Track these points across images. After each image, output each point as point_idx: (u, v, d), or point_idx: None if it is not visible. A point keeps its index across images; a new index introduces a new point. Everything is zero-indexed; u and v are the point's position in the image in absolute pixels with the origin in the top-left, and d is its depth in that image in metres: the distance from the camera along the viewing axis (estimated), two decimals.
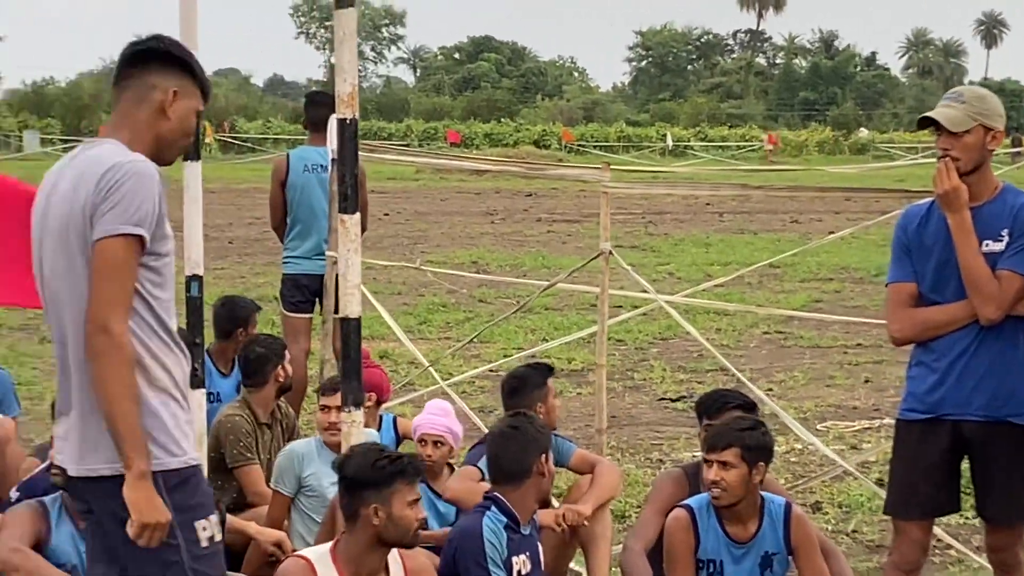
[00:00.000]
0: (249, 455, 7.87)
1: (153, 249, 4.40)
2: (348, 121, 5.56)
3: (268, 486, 7.57)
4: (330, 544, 5.61)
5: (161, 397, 4.43)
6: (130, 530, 4.29)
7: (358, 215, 5.61)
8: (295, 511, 7.36)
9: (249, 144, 75.73)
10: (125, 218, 4.29)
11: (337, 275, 6.00)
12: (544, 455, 6.34)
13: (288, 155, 10.67)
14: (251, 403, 8.02)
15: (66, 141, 74.90)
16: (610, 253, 8.48)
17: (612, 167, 8.53)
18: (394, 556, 5.63)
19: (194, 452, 4.54)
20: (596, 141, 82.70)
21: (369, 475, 5.44)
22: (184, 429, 4.50)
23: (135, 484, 4.26)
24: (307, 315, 10.47)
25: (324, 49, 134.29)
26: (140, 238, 4.32)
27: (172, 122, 4.58)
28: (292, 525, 7.37)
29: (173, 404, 4.46)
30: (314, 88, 76.86)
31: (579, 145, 78.66)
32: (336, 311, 6.29)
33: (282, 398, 8.28)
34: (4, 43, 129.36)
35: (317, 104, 10.52)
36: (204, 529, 4.48)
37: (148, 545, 4.32)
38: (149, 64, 4.58)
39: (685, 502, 6.45)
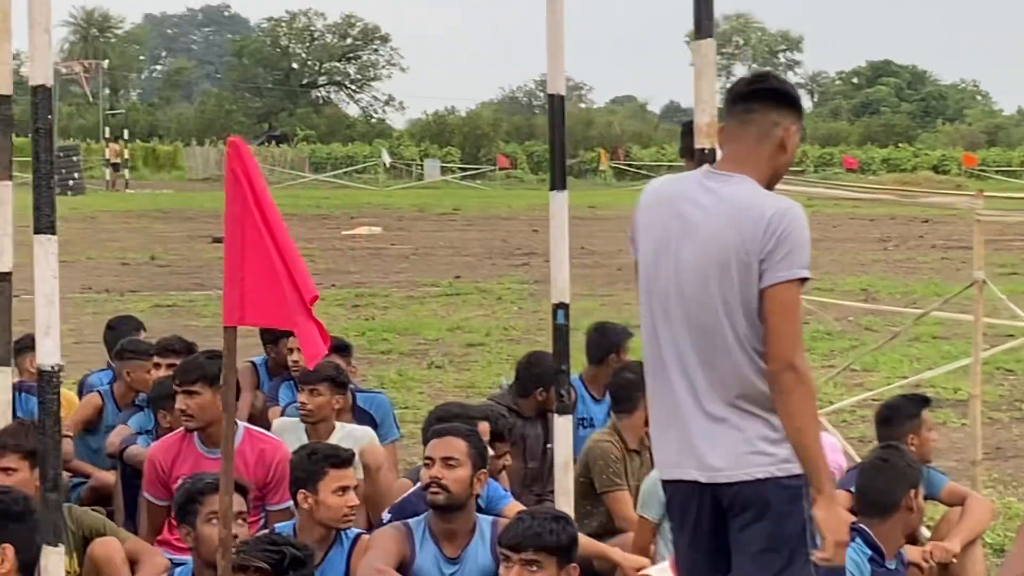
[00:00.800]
0: (618, 480, 7.93)
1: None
2: (706, 151, 5.58)
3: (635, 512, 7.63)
4: None
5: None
6: (821, 552, 4.63)
7: None
8: (660, 537, 7.39)
9: (643, 172, 76.35)
10: (798, 263, 4.65)
11: None
12: (914, 490, 6.22)
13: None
14: (620, 429, 8.08)
15: (464, 169, 77.11)
16: (983, 282, 8.27)
17: (991, 194, 8.32)
18: None
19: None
20: (998, 166, 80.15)
21: None
22: None
23: (827, 506, 4.60)
24: None
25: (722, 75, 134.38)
26: (805, 279, 4.68)
27: (787, 156, 4.88)
28: (657, 551, 7.40)
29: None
30: None
31: (980, 170, 76.40)
32: None
33: None
34: (407, 74, 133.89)
35: (692, 133, 10.51)
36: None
37: (835, 563, 4.66)
38: (768, 101, 4.86)
39: None
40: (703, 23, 5.74)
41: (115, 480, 8.56)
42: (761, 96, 4.85)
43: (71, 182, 55.18)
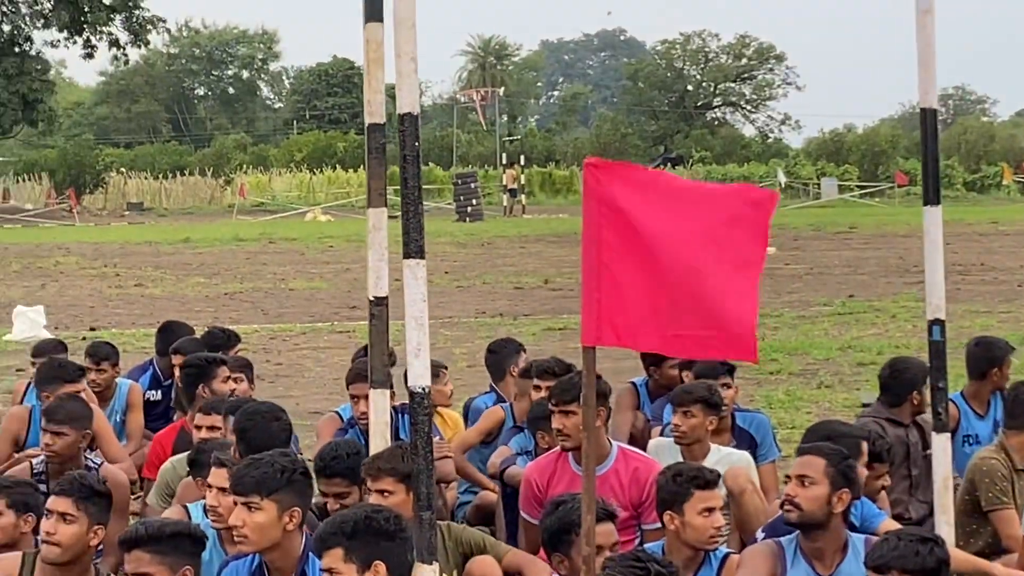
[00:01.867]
0: (1005, 499, 7.75)
1: None
2: None
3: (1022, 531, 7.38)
4: None
5: None
6: None
7: None
8: None
9: None
10: None
11: None
12: None
13: None
14: (1008, 447, 7.84)
15: (862, 188, 75.86)
16: None
17: None
18: None
19: None
20: None
21: None
22: None
23: None
24: None
25: None
26: None
27: None
28: None
29: None
30: None
31: None
32: None
33: None
34: (803, 92, 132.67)
35: None
36: None
37: None
38: None
39: None
40: None
41: (497, 499, 8.73)
42: None
43: (469, 208, 56.74)
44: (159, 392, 11.09)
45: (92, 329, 21.33)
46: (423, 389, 5.28)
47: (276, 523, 5.86)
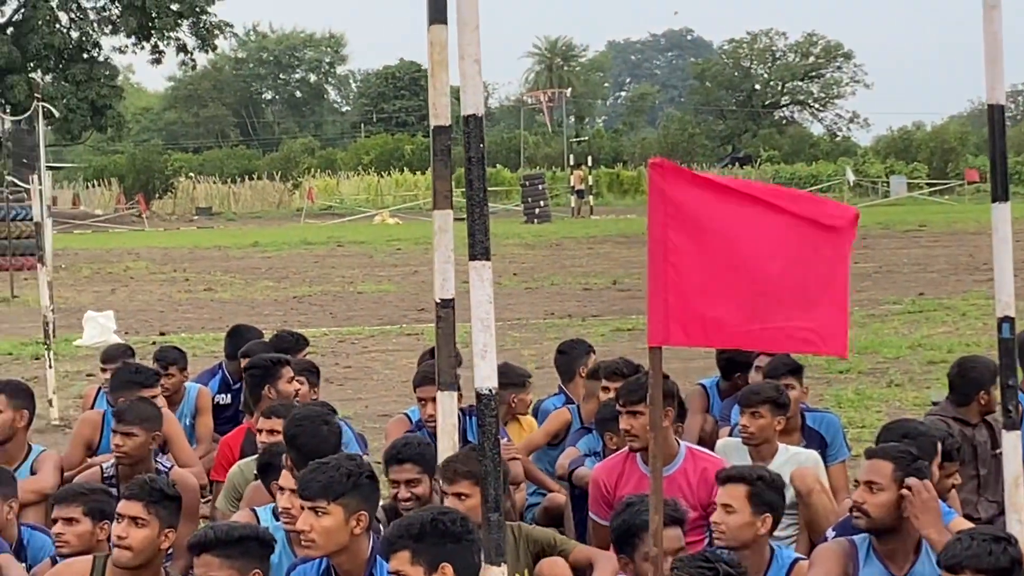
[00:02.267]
0: None
1: None
2: None
3: None
4: None
5: None
6: None
7: None
8: None
9: None
10: None
11: None
12: None
13: None
14: None
15: (931, 185, 75.33)
16: None
17: None
18: None
19: None
20: None
21: None
22: None
23: None
24: None
25: None
26: None
27: None
28: None
29: None
30: None
31: None
32: None
33: None
34: (871, 90, 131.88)
35: None
36: None
37: None
38: None
39: None
40: None
41: (565, 501, 8.73)
42: None
43: (537, 210, 56.77)
44: (228, 396, 11.13)
45: (162, 334, 21.49)
46: (490, 391, 5.26)
47: (343, 527, 5.86)
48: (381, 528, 6.48)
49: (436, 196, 6.03)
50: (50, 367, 13.97)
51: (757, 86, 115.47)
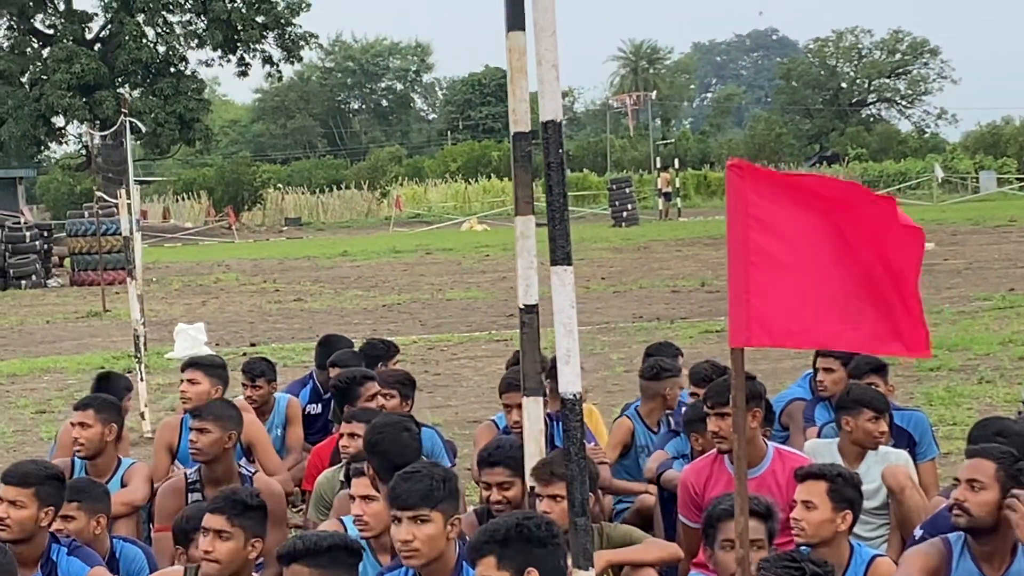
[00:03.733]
0: None
1: None
2: None
3: None
4: None
5: None
6: None
7: None
8: None
9: None
10: None
11: None
12: None
13: None
14: None
15: (1021, 180, 74.42)
16: None
17: None
18: None
19: None
20: None
21: None
22: None
23: None
24: None
25: None
26: None
27: None
28: None
29: None
30: None
31: None
32: None
33: None
34: (959, 86, 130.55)
35: None
36: None
37: None
38: None
39: None
40: None
41: (654, 504, 8.72)
42: None
43: (624, 213, 56.65)
44: (319, 405, 11.18)
45: (252, 345, 21.66)
46: (575, 395, 5.27)
47: (443, 533, 5.85)
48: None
49: (517, 202, 6.05)
50: (141, 380, 14.10)
51: (843, 84, 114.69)
